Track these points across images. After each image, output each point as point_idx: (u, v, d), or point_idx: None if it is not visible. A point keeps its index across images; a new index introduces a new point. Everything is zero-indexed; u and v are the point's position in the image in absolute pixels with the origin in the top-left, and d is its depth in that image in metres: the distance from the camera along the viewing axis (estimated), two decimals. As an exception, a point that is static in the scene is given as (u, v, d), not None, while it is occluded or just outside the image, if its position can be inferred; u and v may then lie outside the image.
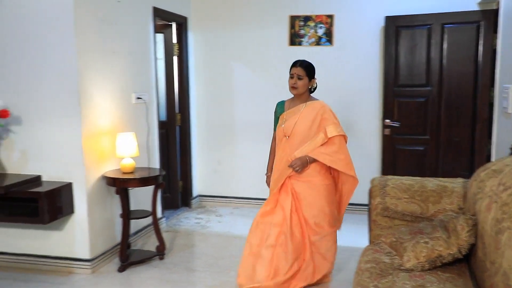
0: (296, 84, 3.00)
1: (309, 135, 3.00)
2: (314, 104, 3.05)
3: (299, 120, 3.01)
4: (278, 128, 3.13)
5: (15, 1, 3.29)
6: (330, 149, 2.97)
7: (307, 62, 3.05)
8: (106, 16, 3.59)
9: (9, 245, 3.57)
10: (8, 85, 3.39)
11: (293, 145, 3.02)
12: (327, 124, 2.98)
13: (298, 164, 2.95)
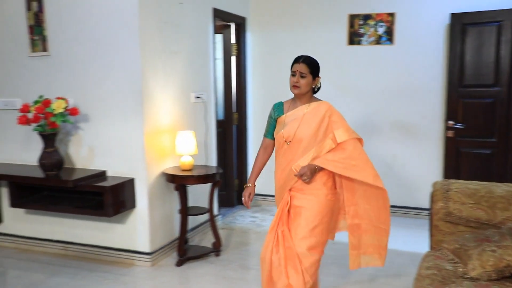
0: (299, 82, 2.56)
1: (314, 141, 2.53)
2: (319, 105, 2.60)
3: (302, 123, 2.56)
4: (277, 134, 2.66)
5: (84, 5, 3.47)
6: (339, 155, 2.49)
7: (311, 58, 2.63)
8: (169, 18, 3.70)
9: (76, 235, 3.78)
10: (78, 85, 3.59)
11: (296, 152, 2.57)
12: (336, 127, 2.53)
13: (307, 174, 2.44)
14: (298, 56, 2.61)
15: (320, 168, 2.49)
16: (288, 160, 2.59)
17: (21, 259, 3.75)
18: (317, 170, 2.49)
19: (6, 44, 3.77)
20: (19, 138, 3.84)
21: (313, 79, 2.58)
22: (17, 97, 3.79)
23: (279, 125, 2.67)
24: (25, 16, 3.63)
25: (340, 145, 2.51)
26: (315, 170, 2.48)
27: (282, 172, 2.62)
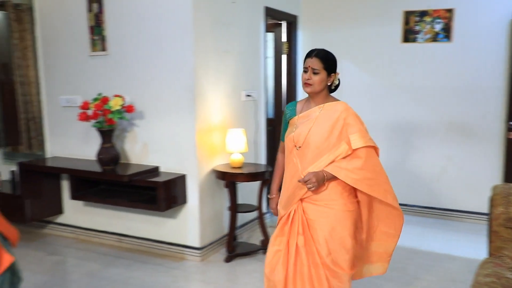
0: (311, 79, 2.25)
1: (328, 146, 2.23)
2: (334, 106, 2.28)
3: (314, 126, 2.26)
4: (287, 137, 2.37)
5: (141, 6, 3.59)
6: (353, 164, 2.19)
7: (326, 51, 2.30)
8: (221, 17, 3.75)
9: (130, 228, 3.92)
10: (134, 83, 3.72)
11: (306, 158, 2.27)
12: (351, 131, 2.22)
13: (312, 180, 2.14)
14: (311, 50, 2.30)
15: (331, 176, 2.18)
16: (297, 166, 2.29)
17: (80, 249, 3.94)
18: (326, 178, 2.18)
19: (69, 44, 3.96)
20: (79, 134, 4.03)
21: (328, 76, 2.27)
22: (78, 95, 3.98)
23: (291, 127, 2.38)
24: (86, 17, 3.81)
25: (356, 153, 2.20)
26: (323, 178, 2.17)
27: (291, 179, 2.31)
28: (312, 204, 2.25)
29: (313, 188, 2.15)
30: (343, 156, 2.20)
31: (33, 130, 4.37)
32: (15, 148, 4.48)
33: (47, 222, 4.32)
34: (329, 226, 2.21)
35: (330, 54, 2.29)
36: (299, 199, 2.27)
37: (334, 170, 2.18)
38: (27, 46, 4.22)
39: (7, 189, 4.11)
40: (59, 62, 4.04)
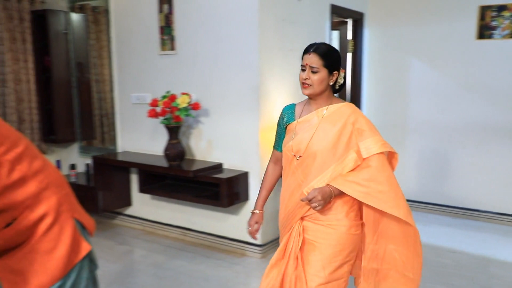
0: (309, 79, 1.93)
1: (334, 155, 1.91)
2: (340, 108, 1.97)
3: (317, 132, 1.94)
4: (285, 146, 2.06)
5: (209, 6, 3.67)
6: (362, 175, 1.87)
7: (326, 45, 1.96)
8: (286, 15, 3.75)
9: (194, 223, 4.04)
10: (200, 81, 3.81)
11: (309, 171, 1.95)
12: (362, 137, 1.90)
13: (317, 199, 1.82)
14: (310, 45, 1.98)
15: (339, 191, 1.87)
16: (298, 181, 1.99)
17: (146, 240, 4.12)
18: (334, 194, 1.87)
19: (140, 43, 4.14)
20: (148, 130, 4.21)
21: (329, 74, 1.94)
22: (147, 92, 4.14)
23: (289, 135, 2.06)
24: (157, 18, 3.96)
25: (366, 162, 1.89)
26: (330, 194, 1.86)
27: (291, 196, 2.02)
28: (313, 223, 1.96)
29: (319, 207, 1.83)
30: (351, 168, 1.89)
31: (106, 125, 4.62)
32: (90, 142, 4.76)
33: (117, 213, 4.55)
34: (329, 248, 1.91)
35: (332, 49, 1.98)
36: (300, 218, 1.98)
37: (340, 183, 1.87)
38: (102, 46, 4.47)
39: (82, 180, 4.38)
40: (130, 61, 4.24)
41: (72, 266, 1.41)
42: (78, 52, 4.59)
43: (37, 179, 1.36)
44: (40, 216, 1.36)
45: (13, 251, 1.35)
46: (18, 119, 4.43)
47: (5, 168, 1.28)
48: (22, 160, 1.33)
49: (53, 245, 1.38)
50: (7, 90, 4.30)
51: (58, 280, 1.38)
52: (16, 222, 1.32)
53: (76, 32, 4.55)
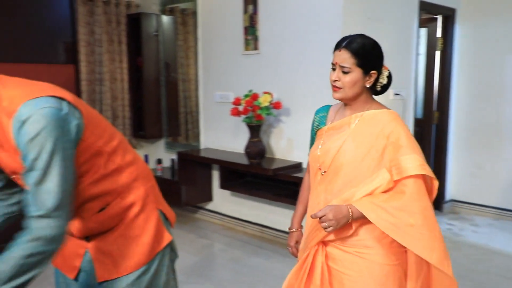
0: (340, 81, 1.60)
1: (362, 172, 1.57)
2: (376, 115, 1.61)
3: (347, 142, 1.61)
4: (311, 154, 1.74)
5: (293, 7, 3.68)
6: (392, 201, 1.51)
7: (361, 39, 1.60)
8: (372, 13, 3.66)
9: (272, 220, 4.08)
10: (282, 81, 3.84)
11: (333, 188, 1.62)
12: (398, 154, 1.53)
13: (328, 217, 1.49)
14: (342, 38, 1.63)
15: (360, 214, 1.51)
16: (319, 198, 1.66)
17: (226, 236, 4.23)
18: (352, 217, 1.51)
19: (225, 43, 4.26)
20: (230, 128, 4.32)
21: (365, 74, 1.58)
22: (230, 91, 4.26)
23: (317, 141, 1.74)
24: (241, 18, 4.05)
25: (400, 185, 1.52)
26: (347, 216, 1.50)
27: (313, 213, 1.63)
28: (338, 249, 1.60)
29: (331, 228, 1.49)
30: (383, 190, 1.53)
31: (190, 123, 4.82)
32: (175, 139, 5.00)
33: (198, 207, 4.72)
34: (360, 282, 1.55)
35: (369, 43, 1.60)
36: (319, 242, 1.63)
37: (363, 205, 1.50)
38: (189, 47, 4.66)
39: (167, 175, 4.61)
40: (215, 61, 4.38)
41: (155, 253, 1.50)
42: (166, 53, 4.83)
43: (128, 171, 1.46)
44: (129, 204, 1.46)
45: (104, 235, 1.47)
46: (112, 115, 4.76)
47: (103, 159, 1.38)
48: (117, 153, 1.43)
49: (140, 232, 1.47)
50: (104, 89, 4.64)
51: (143, 265, 1.47)
52: (108, 208, 1.43)
53: (165, 34, 4.79)
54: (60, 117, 1.21)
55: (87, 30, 4.49)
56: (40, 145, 1.17)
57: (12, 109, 1.20)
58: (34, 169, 1.19)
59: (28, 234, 1.19)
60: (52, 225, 1.20)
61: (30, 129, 1.16)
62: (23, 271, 1.17)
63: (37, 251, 1.18)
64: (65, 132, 1.22)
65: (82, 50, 4.40)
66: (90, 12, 4.49)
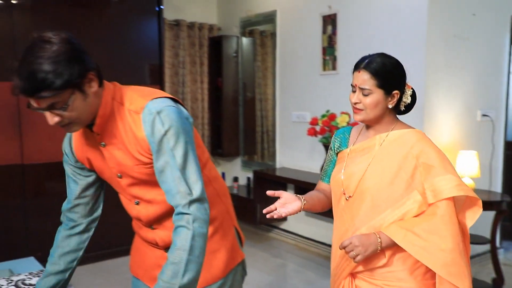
0: (361, 103, 1.52)
1: (390, 196, 1.48)
2: (403, 136, 1.53)
3: (372, 166, 1.52)
4: (333, 179, 1.63)
5: (373, 25, 3.63)
6: (423, 224, 1.42)
7: (381, 58, 1.54)
8: (457, 31, 3.50)
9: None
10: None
11: (359, 214, 1.52)
12: (430, 175, 1.44)
13: (355, 244, 1.41)
14: (361, 58, 1.56)
15: (391, 242, 1.42)
16: (345, 226, 1.56)
17: (299, 256, 4.19)
18: (382, 245, 1.42)
19: (302, 63, 4.30)
20: (306, 148, 4.31)
21: (386, 95, 1.51)
22: (307, 111, 4.26)
23: (339, 165, 1.64)
24: (320, 39, 4.06)
25: (432, 208, 1.43)
26: (375, 243, 1.42)
27: (337, 245, 1.54)
28: (367, 282, 1.51)
29: (359, 257, 1.40)
30: (415, 213, 1.44)
31: (266, 142, 4.88)
32: (251, 157, 5.08)
33: (272, 226, 4.73)
34: None
35: (390, 63, 1.54)
36: (348, 274, 1.55)
37: (392, 231, 1.42)
38: (267, 67, 4.76)
39: (243, 193, 4.68)
40: (292, 81, 4.42)
41: (230, 269, 1.53)
42: (245, 73, 4.97)
43: (213, 185, 1.51)
44: (211, 218, 1.48)
45: None
46: (192, 133, 4.96)
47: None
48: (207, 166, 1.49)
49: (218, 247, 1.50)
50: (185, 108, 4.86)
51: (219, 280, 1.50)
52: None
53: (244, 55, 4.94)
54: (183, 115, 1.33)
55: (172, 53, 4.76)
56: (177, 135, 1.28)
57: (139, 106, 1.32)
58: (176, 156, 1.28)
59: (185, 220, 1.26)
60: (205, 207, 1.29)
61: (165, 120, 1.27)
62: (193, 256, 1.25)
63: (198, 232, 1.26)
64: (189, 128, 1.33)
65: (167, 72, 4.67)
66: (176, 36, 4.77)
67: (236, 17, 4.94)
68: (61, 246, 1.54)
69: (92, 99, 1.28)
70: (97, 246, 3.36)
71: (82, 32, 3.68)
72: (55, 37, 1.22)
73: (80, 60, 1.23)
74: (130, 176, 1.39)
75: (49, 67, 1.17)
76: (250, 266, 1.91)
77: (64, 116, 1.25)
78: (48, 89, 1.18)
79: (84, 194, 1.53)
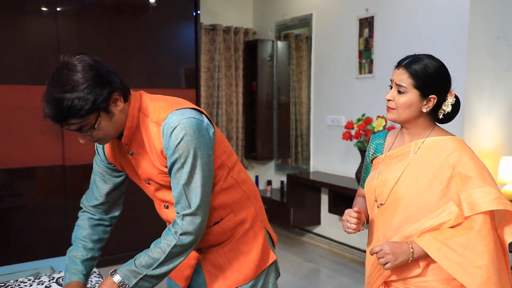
0: (394, 101, 1.47)
1: (425, 206, 1.42)
2: (439, 143, 1.46)
3: (406, 173, 1.47)
4: (367, 185, 1.61)
5: (411, 28, 3.56)
6: (458, 238, 1.35)
7: (425, 59, 1.47)
8: (501, 33, 3.39)
9: (382, 250, 3.89)
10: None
11: (392, 222, 1.48)
12: (467, 187, 1.38)
13: (385, 251, 1.37)
14: (405, 56, 1.52)
15: (423, 252, 1.38)
16: (378, 234, 1.54)
17: (333, 261, 4.14)
18: (414, 254, 1.38)
19: (338, 67, 4.26)
20: (341, 152, 4.26)
21: (422, 98, 1.45)
22: (342, 115, 4.22)
23: (374, 171, 1.59)
24: (356, 42, 4.02)
25: (469, 221, 1.36)
26: (407, 252, 1.37)
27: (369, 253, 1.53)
28: None
29: (388, 265, 1.37)
30: (451, 225, 1.38)
31: (300, 145, 4.86)
32: (284, 161, 5.07)
33: (306, 230, 4.70)
34: None
35: (433, 66, 1.46)
36: (382, 283, 1.52)
37: (426, 242, 1.37)
38: (302, 71, 4.75)
39: (277, 196, 4.68)
40: (327, 84, 4.39)
41: (261, 270, 1.55)
42: (279, 77, 4.97)
43: (242, 188, 1.54)
44: (241, 220, 1.53)
45: (216, 248, 1.54)
46: (227, 136, 5.01)
47: (225, 172, 1.49)
48: (235, 169, 1.52)
49: (249, 248, 1.53)
50: (220, 111, 4.91)
51: (250, 281, 1.52)
52: (222, 222, 1.51)
53: (279, 59, 4.94)
54: (202, 126, 1.36)
55: (208, 57, 4.83)
56: (187, 149, 1.32)
57: (161, 117, 1.36)
58: (183, 169, 1.34)
59: (175, 229, 1.36)
60: (196, 221, 1.36)
61: (179, 135, 1.32)
62: (168, 259, 1.36)
63: (181, 243, 1.35)
64: (206, 140, 1.37)
65: (203, 76, 4.73)
66: (212, 40, 4.83)
67: (271, 21, 4.95)
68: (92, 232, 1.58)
69: (118, 117, 1.34)
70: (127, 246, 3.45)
71: (123, 37, 3.79)
72: (79, 64, 1.26)
73: (104, 84, 1.28)
74: (156, 182, 1.46)
75: (74, 96, 1.22)
76: (283, 270, 1.91)
77: (93, 136, 1.33)
78: (74, 117, 1.25)
79: (111, 193, 1.59)
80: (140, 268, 1.35)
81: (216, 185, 1.46)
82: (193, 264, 1.59)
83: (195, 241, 1.38)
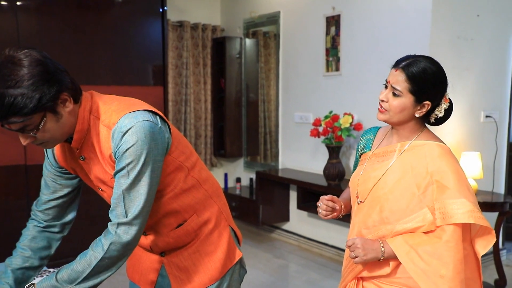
0: (387, 102, 1.46)
1: (401, 209, 1.43)
2: (422, 147, 1.45)
3: (388, 173, 1.47)
4: (351, 180, 1.63)
5: (376, 27, 3.63)
6: (427, 246, 1.36)
7: (424, 62, 1.44)
8: (462, 32, 3.50)
9: (350, 244, 3.97)
10: (363, 102, 3.77)
11: (368, 221, 1.49)
12: (442, 196, 1.37)
13: (356, 246, 1.41)
14: (404, 56, 1.48)
15: (391, 252, 1.39)
16: (355, 229, 1.54)
17: (302, 257, 4.19)
18: (383, 255, 1.39)
19: (305, 65, 4.30)
20: (309, 149, 4.31)
21: (416, 103, 1.43)
22: (310, 112, 4.26)
23: (360, 166, 1.61)
24: (323, 40, 4.07)
25: (439, 230, 1.37)
26: (377, 251, 1.39)
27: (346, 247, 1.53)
28: (375, 285, 1.48)
29: (357, 259, 1.40)
30: (424, 231, 1.38)
31: (269, 142, 4.89)
32: (254, 158, 5.09)
33: (275, 227, 4.74)
34: None
35: (431, 70, 1.43)
36: (355, 278, 1.53)
37: (396, 244, 1.38)
38: (270, 68, 4.77)
39: (246, 193, 4.69)
40: (295, 82, 4.42)
41: (227, 269, 1.53)
42: (248, 74, 4.97)
43: (204, 187, 1.50)
44: (204, 220, 1.50)
45: (180, 250, 1.51)
46: (195, 134, 4.98)
47: (184, 173, 1.43)
48: (195, 169, 1.48)
49: (213, 248, 1.51)
50: (188, 109, 4.87)
51: (216, 281, 1.50)
52: (186, 223, 1.47)
53: (247, 56, 4.94)
54: (155, 130, 1.28)
55: (176, 54, 4.78)
56: (136, 155, 1.24)
57: (112, 121, 1.28)
58: (128, 176, 1.26)
59: (106, 239, 1.26)
60: (130, 232, 1.26)
61: (129, 140, 1.24)
62: (95, 273, 1.26)
63: (109, 255, 1.25)
64: (158, 144, 1.29)
65: (170, 73, 4.68)
66: (179, 37, 4.78)
67: (239, 18, 4.95)
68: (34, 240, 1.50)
69: (66, 118, 1.26)
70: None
71: (88, 33, 3.69)
72: (26, 59, 1.16)
73: (52, 81, 1.18)
74: (110, 187, 1.38)
75: (17, 92, 1.12)
76: (252, 266, 1.92)
77: (37, 138, 1.23)
78: (16, 115, 1.15)
79: (63, 197, 1.51)
80: (62, 283, 1.24)
81: (176, 187, 1.41)
82: (158, 268, 1.55)
83: (127, 254, 1.29)
